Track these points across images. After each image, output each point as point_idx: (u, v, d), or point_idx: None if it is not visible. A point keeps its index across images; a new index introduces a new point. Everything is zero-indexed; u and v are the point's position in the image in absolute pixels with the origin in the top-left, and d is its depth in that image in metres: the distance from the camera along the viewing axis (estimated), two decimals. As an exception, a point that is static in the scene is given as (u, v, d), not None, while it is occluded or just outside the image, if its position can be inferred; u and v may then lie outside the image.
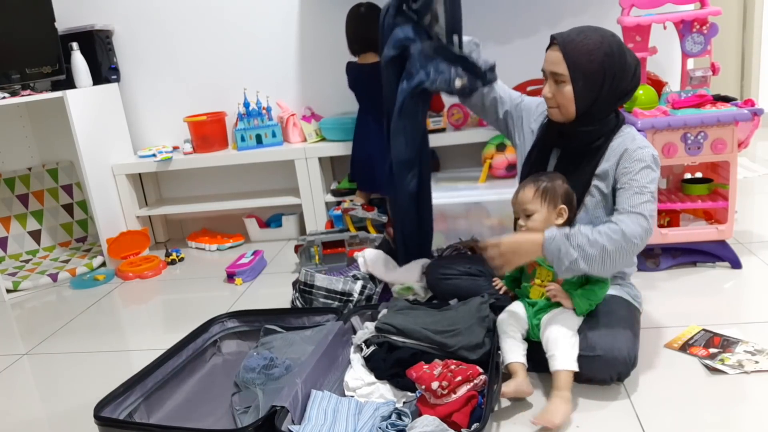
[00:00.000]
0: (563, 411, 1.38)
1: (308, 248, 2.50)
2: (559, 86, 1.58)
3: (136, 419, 1.55)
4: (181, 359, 1.76)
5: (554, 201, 1.56)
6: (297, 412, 1.42)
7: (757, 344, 1.61)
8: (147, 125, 3.25)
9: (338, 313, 1.88)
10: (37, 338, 2.24)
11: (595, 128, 1.60)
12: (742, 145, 2.19)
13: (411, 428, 1.32)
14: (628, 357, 1.47)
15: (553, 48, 1.58)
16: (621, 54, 1.55)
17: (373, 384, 1.58)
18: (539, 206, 1.55)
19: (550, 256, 1.48)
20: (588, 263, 1.44)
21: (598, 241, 1.44)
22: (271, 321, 1.93)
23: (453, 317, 1.68)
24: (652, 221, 1.48)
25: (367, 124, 2.67)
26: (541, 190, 1.56)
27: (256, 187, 3.24)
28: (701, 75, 2.22)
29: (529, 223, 1.56)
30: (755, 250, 2.25)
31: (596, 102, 1.57)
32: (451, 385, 1.38)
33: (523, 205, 1.57)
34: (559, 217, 1.56)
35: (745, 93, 4.39)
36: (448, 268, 1.93)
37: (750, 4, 4.27)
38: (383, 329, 1.66)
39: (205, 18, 3.06)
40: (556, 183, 1.58)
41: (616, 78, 1.55)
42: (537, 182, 1.58)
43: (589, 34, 1.55)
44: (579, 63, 1.53)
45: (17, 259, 3.13)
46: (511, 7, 2.85)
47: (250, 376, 1.66)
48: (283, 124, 3.02)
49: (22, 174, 3.27)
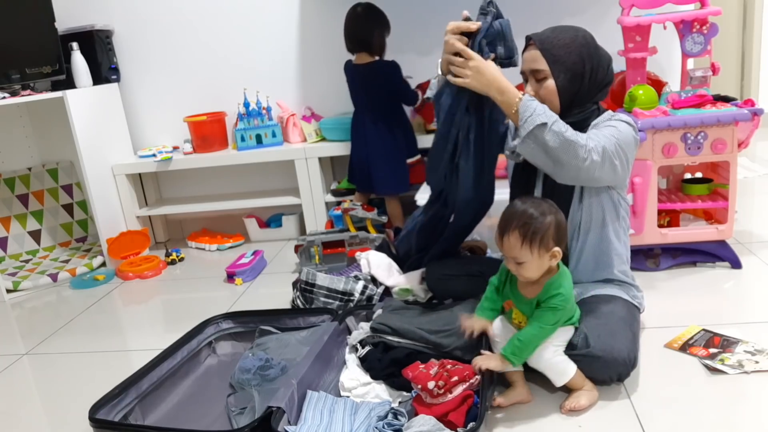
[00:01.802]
0: (587, 396, 1.44)
1: (308, 248, 2.50)
2: (540, 83, 1.59)
3: (131, 421, 1.55)
4: (175, 361, 1.76)
5: (546, 245, 1.39)
6: (293, 412, 1.42)
7: (757, 344, 1.60)
8: (147, 125, 3.25)
9: (333, 313, 1.88)
10: (37, 338, 2.24)
11: (579, 119, 1.61)
12: (742, 145, 2.19)
13: (407, 428, 1.32)
14: (628, 358, 1.47)
15: (530, 47, 1.61)
16: (595, 46, 1.61)
17: (368, 384, 1.58)
18: (529, 255, 1.38)
19: (523, 108, 1.46)
20: (552, 136, 1.43)
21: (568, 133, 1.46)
22: (266, 322, 1.93)
23: (448, 317, 1.68)
24: (600, 155, 1.47)
25: (363, 125, 2.67)
26: (529, 237, 1.38)
27: (256, 187, 3.24)
28: (701, 75, 2.22)
29: (521, 270, 1.41)
30: (755, 250, 2.25)
31: (578, 93, 1.59)
32: (447, 384, 1.38)
33: (512, 254, 1.41)
34: (553, 258, 1.41)
35: (745, 93, 4.39)
36: (448, 268, 1.92)
37: (750, 4, 4.27)
38: (378, 329, 1.66)
39: (205, 18, 3.06)
40: (544, 222, 1.39)
41: (594, 68, 1.59)
42: (523, 226, 1.38)
43: (562, 30, 1.60)
44: (558, 57, 1.56)
45: (17, 259, 3.13)
46: (511, 7, 2.83)
47: (246, 377, 1.66)
48: (283, 124, 3.02)
49: (22, 174, 3.27)
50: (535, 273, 1.42)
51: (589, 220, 1.63)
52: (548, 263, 1.41)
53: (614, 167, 1.52)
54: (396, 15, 2.91)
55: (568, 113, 1.59)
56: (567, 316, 1.44)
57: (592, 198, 1.62)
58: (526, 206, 1.42)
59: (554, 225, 1.40)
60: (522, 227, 1.39)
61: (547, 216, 1.40)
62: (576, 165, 1.47)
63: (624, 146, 1.53)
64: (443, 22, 1.67)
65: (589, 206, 1.62)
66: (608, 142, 1.50)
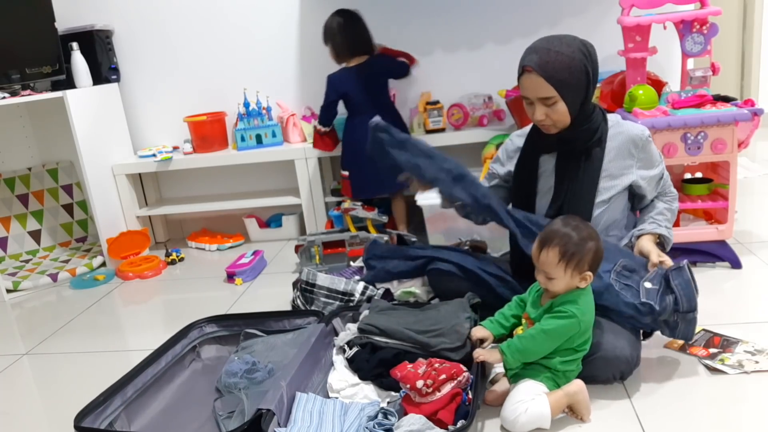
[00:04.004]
0: (583, 405, 1.39)
1: (308, 248, 2.50)
2: (551, 107, 1.59)
3: (117, 428, 1.54)
4: (160, 366, 1.75)
5: (580, 268, 1.40)
6: (283, 414, 1.41)
7: (757, 344, 1.61)
8: (147, 125, 3.25)
9: (320, 315, 1.88)
10: (37, 338, 2.24)
11: (591, 124, 1.64)
12: (742, 145, 2.19)
13: (397, 427, 1.32)
14: (631, 356, 1.47)
15: (530, 74, 1.57)
16: (588, 52, 1.59)
17: (357, 385, 1.58)
18: (563, 273, 1.40)
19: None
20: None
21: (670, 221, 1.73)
22: (251, 325, 1.92)
23: (435, 317, 1.68)
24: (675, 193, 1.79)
25: (363, 126, 2.64)
26: (567, 257, 1.39)
27: (256, 187, 3.24)
28: (701, 75, 2.22)
29: (549, 285, 1.43)
30: (755, 250, 2.25)
31: (586, 101, 1.62)
32: (436, 383, 1.39)
33: (545, 268, 1.42)
34: (582, 281, 1.42)
35: (745, 93, 4.38)
36: (449, 267, 1.92)
37: (750, 4, 4.27)
38: (366, 330, 1.66)
39: (205, 18, 3.06)
40: (586, 246, 1.40)
41: (595, 74, 1.61)
42: (564, 245, 1.39)
43: (558, 47, 1.55)
44: (563, 80, 1.55)
45: (17, 259, 3.13)
46: (511, 7, 2.85)
47: (233, 381, 1.65)
48: (283, 124, 3.02)
49: (22, 174, 3.26)
50: (563, 289, 1.43)
51: (610, 220, 1.68)
52: (577, 284, 1.42)
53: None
54: (396, 15, 2.92)
55: (580, 120, 1.62)
56: (574, 330, 1.40)
57: (616, 202, 1.68)
58: (571, 227, 1.43)
59: (594, 252, 1.41)
60: (563, 246, 1.40)
61: (589, 242, 1.41)
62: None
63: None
64: (443, 21, 1.67)
65: (615, 208, 1.68)
66: (668, 177, 1.77)
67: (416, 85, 2.95)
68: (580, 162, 1.65)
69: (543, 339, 1.40)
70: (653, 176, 1.70)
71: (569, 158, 1.67)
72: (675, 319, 1.48)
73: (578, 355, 1.44)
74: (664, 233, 1.68)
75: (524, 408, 1.35)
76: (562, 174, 1.68)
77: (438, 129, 2.81)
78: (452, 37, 2.90)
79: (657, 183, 1.73)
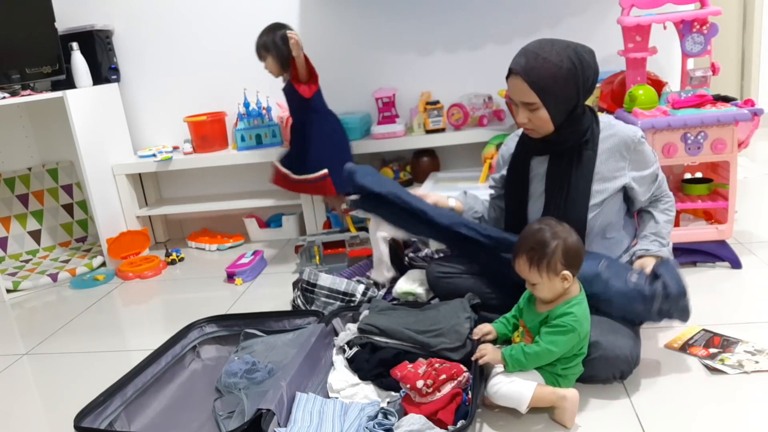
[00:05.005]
0: (569, 409, 1.38)
1: (309, 248, 2.50)
2: (533, 113, 1.57)
3: (117, 428, 1.54)
4: (160, 366, 1.75)
5: (553, 269, 1.39)
6: (283, 414, 1.42)
7: (757, 344, 1.61)
8: (147, 125, 3.25)
9: (319, 315, 1.88)
10: (37, 338, 2.24)
11: (579, 126, 1.61)
12: (742, 145, 2.19)
13: (397, 427, 1.33)
14: (630, 356, 1.47)
15: (515, 77, 1.55)
16: (580, 61, 1.53)
17: (356, 385, 1.58)
18: (539, 278, 1.40)
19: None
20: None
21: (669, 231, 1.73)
22: (251, 325, 1.92)
23: (435, 317, 1.68)
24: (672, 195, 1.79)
25: (312, 126, 2.61)
26: (535, 262, 1.39)
27: (256, 187, 3.24)
28: (701, 75, 2.22)
29: (535, 290, 1.44)
30: (755, 250, 2.25)
31: (573, 111, 1.58)
32: (436, 383, 1.39)
33: (523, 276, 1.44)
34: (564, 281, 1.41)
35: (745, 93, 4.38)
36: (449, 267, 1.92)
37: (750, 4, 4.27)
38: (366, 330, 1.66)
39: (205, 18, 3.06)
40: (551, 246, 1.39)
41: (586, 84, 1.56)
42: (529, 250, 1.40)
43: (546, 53, 1.52)
44: (546, 87, 1.53)
45: (17, 259, 3.13)
46: (511, 7, 2.85)
47: (233, 381, 1.65)
48: (283, 124, 3.02)
49: (22, 174, 3.27)
50: (549, 294, 1.42)
51: (605, 223, 1.66)
52: (561, 285, 1.41)
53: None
54: (396, 15, 2.92)
55: (566, 126, 1.60)
56: (575, 341, 1.40)
57: (609, 204, 1.66)
58: (537, 230, 1.42)
59: (561, 249, 1.39)
60: (528, 252, 1.40)
61: (553, 241, 1.39)
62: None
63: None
64: (443, 21, 1.67)
65: (608, 210, 1.66)
66: (664, 179, 1.75)
67: (416, 85, 2.95)
68: (572, 165, 1.62)
69: (547, 356, 1.40)
70: (646, 176, 1.66)
71: (560, 161, 1.64)
72: (667, 307, 1.48)
73: (578, 359, 1.45)
74: (666, 255, 1.66)
75: (509, 380, 1.38)
76: (554, 178, 1.66)
77: (438, 129, 2.81)
78: (452, 37, 2.90)
79: (650, 183, 1.69)
